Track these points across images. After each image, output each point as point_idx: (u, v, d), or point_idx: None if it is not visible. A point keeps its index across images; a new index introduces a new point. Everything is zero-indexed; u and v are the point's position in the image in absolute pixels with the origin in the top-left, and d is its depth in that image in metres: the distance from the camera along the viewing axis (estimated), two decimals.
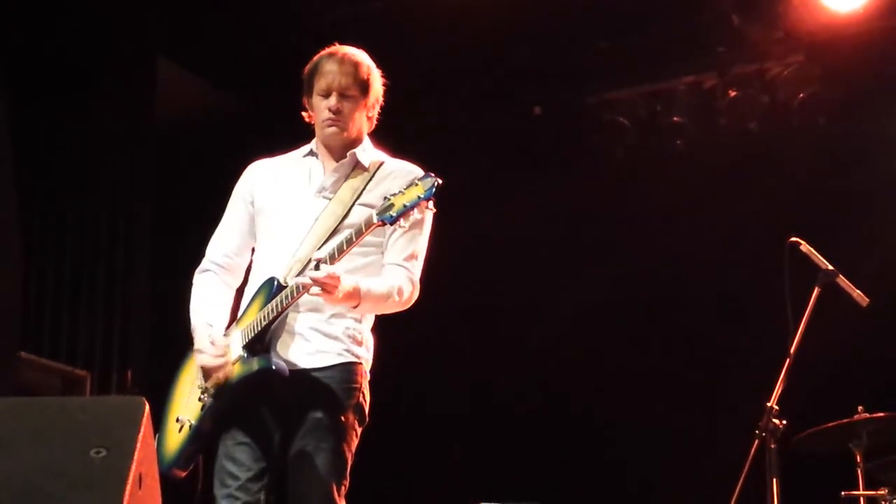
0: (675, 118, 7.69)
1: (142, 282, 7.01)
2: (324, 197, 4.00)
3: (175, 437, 3.97)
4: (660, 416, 7.43)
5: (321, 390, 3.86)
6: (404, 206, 3.61)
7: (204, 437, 3.93)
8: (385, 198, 3.66)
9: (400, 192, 3.64)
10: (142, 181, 7.10)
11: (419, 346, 7.41)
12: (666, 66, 7.66)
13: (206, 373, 3.92)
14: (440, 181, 3.65)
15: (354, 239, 3.71)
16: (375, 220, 3.64)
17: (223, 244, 4.15)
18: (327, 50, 4.07)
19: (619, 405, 7.63)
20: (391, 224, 3.63)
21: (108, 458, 2.98)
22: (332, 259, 3.70)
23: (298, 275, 3.80)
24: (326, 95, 3.99)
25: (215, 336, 3.93)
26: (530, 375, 7.95)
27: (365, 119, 4.06)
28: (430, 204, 3.65)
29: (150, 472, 3.11)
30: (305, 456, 3.82)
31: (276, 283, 3.87)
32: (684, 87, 7.69)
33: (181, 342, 4.05)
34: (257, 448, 3.87)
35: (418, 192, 3.61)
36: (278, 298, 3.81)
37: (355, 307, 3.85)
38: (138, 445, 3.01)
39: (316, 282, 3.65)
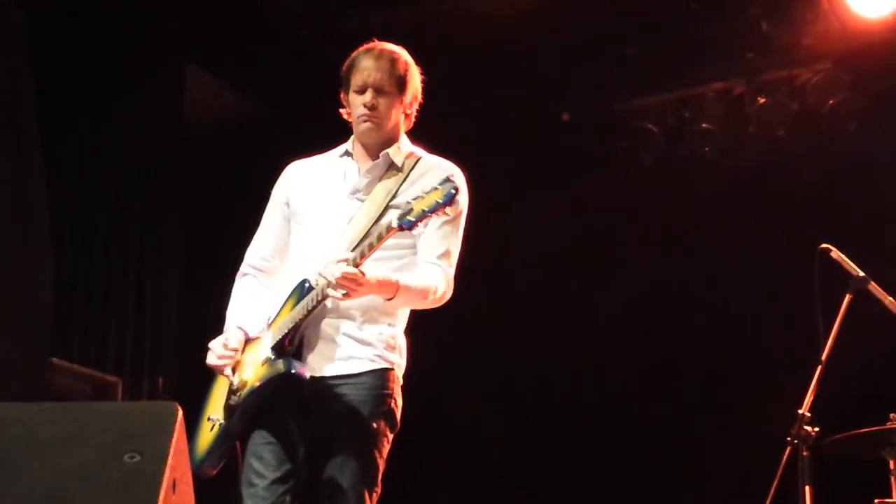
0: (703, 125, 7.66)
1: (172, 287, 7.04)
2: (357, 199, 3.99)
3: (206, 436, 3.98)
4: (690, 423, 7.41)
5: (353, 397, 3.86)
6: (423, 211, 3.61)
7: (232, 437, 3.95)
8: (406, 202, 3.67)
9: (420, 196, 3.64)
10: (172, 187, 7.14)
11: (447, 349, 7.39)
12: (695, 73, 7.64)
13: (234, 373, 3.94)
14: (458, 187, 3.66)
15: (376, 243, 3.71)
16: (395, 224, 3.65)
17: (261, 247, 4.16)
18: (365, 46, 4.06)
19: (647, 413, 7.62)
20: (409, 229, 3.64)
21: (143, 463, 2.99)
22: (356, 263, 3.70)
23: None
24: (362, 92, 3.97)
25: (231, 339, 3.95)
26: (558, 378, 7.94)
27: (402, 116, 4.05)
28: (448, 209, 3.66)
29: (184, 478, 3.12)
30: (336, 462, 3.82)
31: (307, 284, 3.87)
32: (713, 93, 7.66)
33: None
34: (284, 450, 3.87)
35: (437, 197, 3.62)
36: (308, 298, 3.82)
37: (390, 299, 3.84)
38: (172, 451, 3.02)
39: (337, 281, 3.66)
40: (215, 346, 3.96)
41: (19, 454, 3.03)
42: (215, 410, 3.99)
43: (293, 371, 3.81)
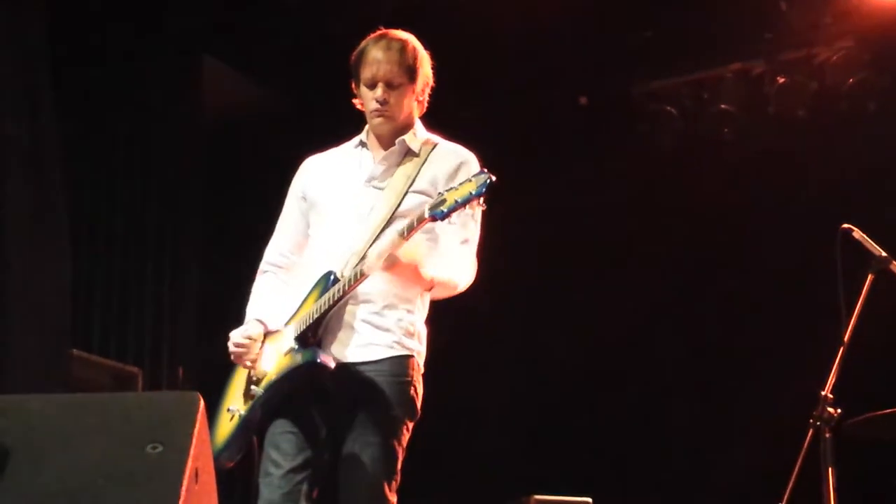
0: (722, 106, 7.64)
1: (191, 277, 7.06)
2: (374, 187, 3.98)
3: (226, 427, 3.99)
4: (712, 405, 7.39)
5: (371, 385, 3.86)
6: (456, 201, 3.60)
7: (252, 428, 3.96)
8: (439, 192, 3.66)
9: (453, 187, 3.63)
10: (190, 178, 7.15)
11: (463, 337, 7.38)
12: (713, 54, 7.61)
13: (255, 364, 3.94)
14: (493, 178, 3.62)
15: (406, 234, 3.69)
16: (427, 215, 3.63)
17: (279, 244, 4.17)
18: (372, 35, 4.02)
19: (669, 394, 7.61)
20: (442, 220, 3.62)
21: (165, 453, 2.97)
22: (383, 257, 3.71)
23: (356, 267, 3.81)
24: (372, 86, 3.95)
25: (251, 330, 3.96)
26: (577, 363, 7.93)
27: (415, 104, 4.03)
28: (482, 201, 3.64)
29: (207, 468, 3.11)
30: (355, 451, 3.83)
31: (332, 276, 3.87)
32: (731, 74, 7.64)
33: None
34: (303, 439, 3.88)
35: (471, 188, 3.60)
36: (333, 290, 3.82)
37: (429, 290, 3.91)
38: (194, 441, 3.00)
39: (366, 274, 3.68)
40: (235, 335, 3.97)
41: (40, 446, 3.02)
42: (234, 401, 4.00)
43: (318, 360, 3.82)
